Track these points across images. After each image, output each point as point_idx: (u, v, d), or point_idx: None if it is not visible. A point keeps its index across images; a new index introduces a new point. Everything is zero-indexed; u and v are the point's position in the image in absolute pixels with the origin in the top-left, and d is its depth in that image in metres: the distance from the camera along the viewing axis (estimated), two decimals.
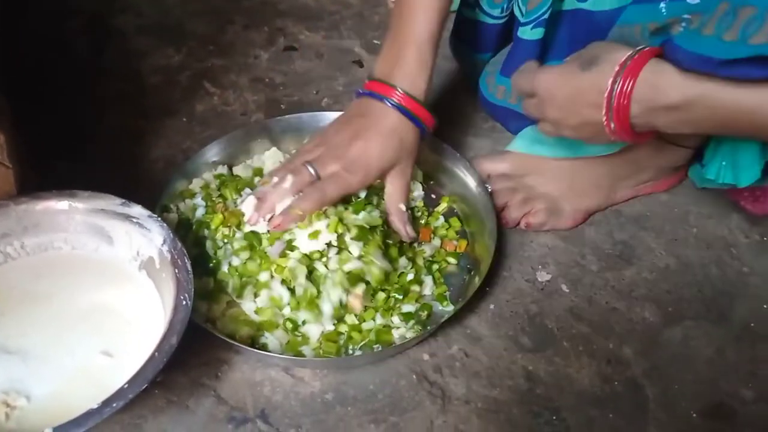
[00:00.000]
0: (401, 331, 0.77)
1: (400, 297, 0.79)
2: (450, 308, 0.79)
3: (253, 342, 0.75)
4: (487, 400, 0.74)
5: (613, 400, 0.75)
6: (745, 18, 0.60)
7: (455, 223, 0.88)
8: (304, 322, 0.75)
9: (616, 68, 0.69)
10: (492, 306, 0.82)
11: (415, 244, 0.85)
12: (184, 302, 0.67)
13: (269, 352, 0.74)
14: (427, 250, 0.84)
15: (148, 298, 0.74)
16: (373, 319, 0.77)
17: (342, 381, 0.75)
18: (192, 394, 0.73)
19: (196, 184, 0.88)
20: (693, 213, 0.93)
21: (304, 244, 0.76)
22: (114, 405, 0.60)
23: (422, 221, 0.88)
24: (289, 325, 0.75)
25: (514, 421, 0.72)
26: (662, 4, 0.69)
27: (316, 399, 0.73)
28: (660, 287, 0.85)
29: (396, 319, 0.78)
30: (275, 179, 0.80)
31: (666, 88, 0.67)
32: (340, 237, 0.76)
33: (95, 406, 0.60)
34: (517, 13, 0.86)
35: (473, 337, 0.79)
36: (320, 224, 0.76)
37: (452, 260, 0.84)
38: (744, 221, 0.92)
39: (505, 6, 0.87)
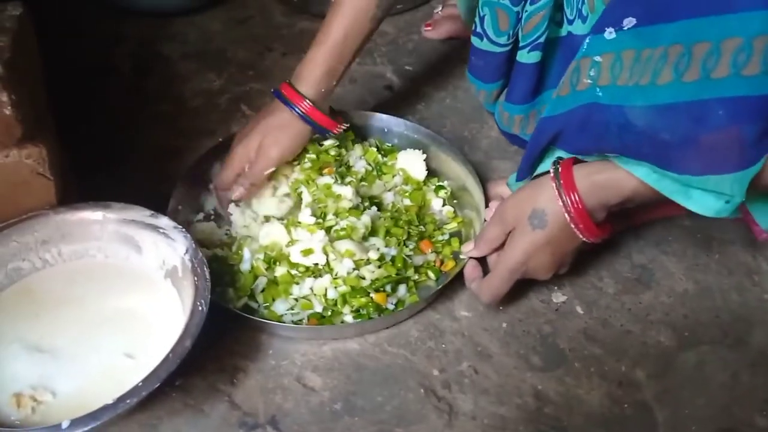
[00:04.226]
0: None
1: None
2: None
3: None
4: (494, 417, 0.75)
5: (621, 422, 0.74)
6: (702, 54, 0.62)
7: (455, 243, 0.89)
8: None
9: (559, 205, 0.75)
10: (504, 324, 0.83)
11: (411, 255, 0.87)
12: (200, 308, 0.71)
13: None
14: (419, 260, 0.86)
15: (171, 305, 0.78)
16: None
17: (351, 392, 0.77)
18: (207, 399, 0.76)
19: None
20: (717, 239, 0.92)
21: (296, 257, 0.81)
22: (128, 401, 0.64)
23: (428, 235, 0.90)
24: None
25: None
26: (586, 40, 0.72)
27: (325, 408, 0.76)
28: (677, 311, 0.84)
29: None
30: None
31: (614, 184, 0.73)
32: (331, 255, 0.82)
33: (110, 402, 0.64)
34: (520, 38, 0.88)
35: (484, 355, 0.80)
36: (315, 243, 0.80)
37: (432, 275, 0.86)
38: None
39: (510, 33, 0.90)
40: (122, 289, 0.81)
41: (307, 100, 0.87)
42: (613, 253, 0.90)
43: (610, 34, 0.68)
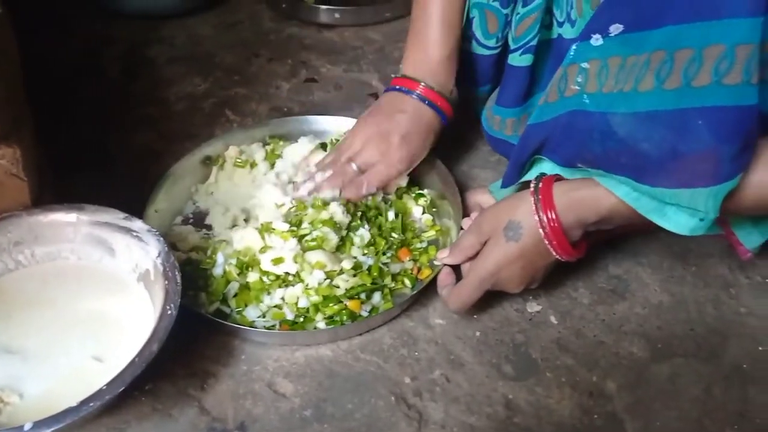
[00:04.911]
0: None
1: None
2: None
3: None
4: (463, 426, 0.74)
5: None
6: (684, 60, 0.62)
7: (433, 252, 0.88)
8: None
9: (535, 220, 0.75)
10: (478, 333, 0.83)
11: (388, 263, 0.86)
12: (170, 312, 0.71)
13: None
14: (396, 268, 0.86)
15: (143, 309, 0.78)
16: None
17: (322, 398, 0.77)
18: (177, 404, 0.76)
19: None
20: (694, 251, 0.92)
21: (266, 265, 0.80)
22: (91, 404, 0.63)
23: (407, 243, 0.89)
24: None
25: None
26: (573, 46, 0.71)
27: (295, 414, 0.75)
28: (651, 323, 0.84)
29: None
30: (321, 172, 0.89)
31: (592, 202, 0.74)
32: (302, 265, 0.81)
33: (74, 404, 0.63)
34: (510, 41, 0.88)
35: (456, 363, 0.80)
36: (286, 251, 0.80)
37: (408, 283, 0.85)
38: (746, 263, 0.90)
39: (499, 35, 0.90)
40: (94, 292, 0.80)
41: (423, 84, 0.89)
42: (590, 264, 0.90)
43: (597, 40, 0.68)
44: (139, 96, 1.19)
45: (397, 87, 0.91)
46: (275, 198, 0.89)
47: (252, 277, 0.81)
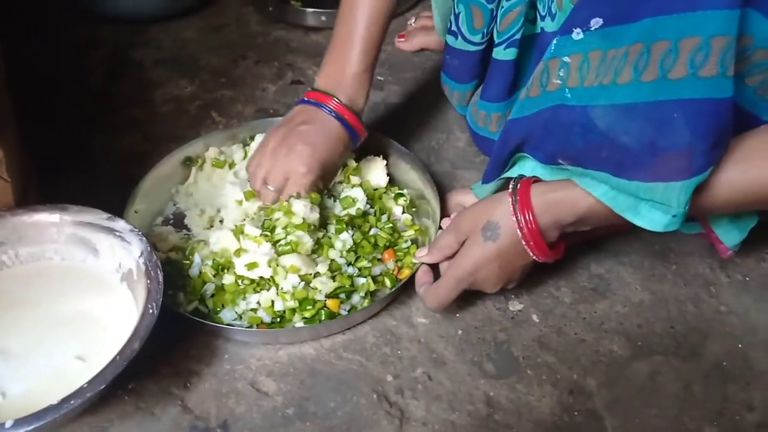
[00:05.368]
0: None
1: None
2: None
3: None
4: (444, 424, 0.75)
5: (571, 430, 0.75)
6: (660, 52, 0.62)
7: (414, 251, 0.89)
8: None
9: (513, 221, 0.76)
10: (460, 332, 0.83)
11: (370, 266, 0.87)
12: (151, 311, 0.71)
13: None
14: (377, 270, 0.86)
15: (126, 308, 0.78)
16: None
17: (305, 397, 0.77)
18: (159, 402, 0.76)
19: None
20: (674, 250, 0.93)
21: (240, 269, 0.81)
22: (72, 402, 0.64)
23: (390, 243, 0.90)
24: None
25: None
26: (554, 40, 0.72)
27: (277, 413, 0.76)
28: (631, 321, 0.85)
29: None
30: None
31: (569, 202, 0.74)
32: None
33: (55, 402, 0.63)
34: (495, 35, 0.89)
35: (438, 361, 0.81)
36: (260, 256, 0.81)
37: (389, 284, 0.86)
38: (728, 261, 0.91)
39: (485, 31, 0.90)
40: (78, 292, 0.81)
41: (336, 99, 0.89)
42: (572, 263, 0.91)
43: (577, 34, 0.69)
44: (125, 98, 1.19)
45: (306, 99, 0.91)
46: (235, 195, 0.91)
47: (227, 279, 0.81)
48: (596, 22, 0.67)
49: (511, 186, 0.78)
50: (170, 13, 1.38)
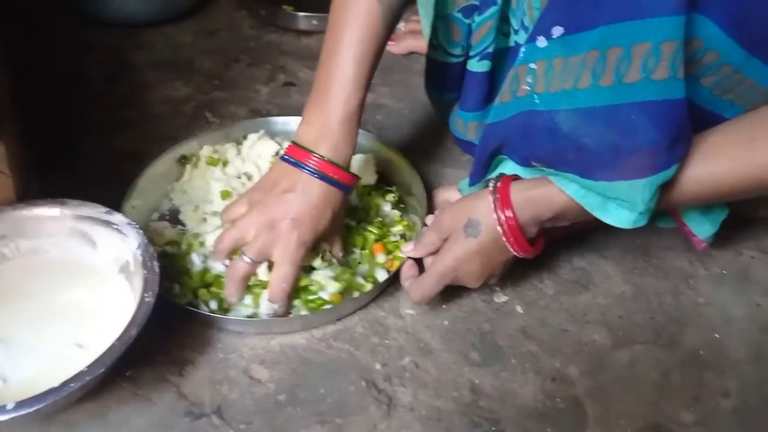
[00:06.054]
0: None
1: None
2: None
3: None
4: (430, 409, 0.78)
5: (553, 415, 0.78)
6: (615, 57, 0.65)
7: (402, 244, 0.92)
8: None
9: (494, 218, 0.78)
10: (447, 322, 0.86)
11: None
12: (147, 299, 0.74)
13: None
14: (363, 269, 0.90)
15: (124, 298, 0.81)
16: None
17: (296, 384, 0.80)
18: (155, 389, 0.78)
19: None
20: (655, 245, 0.96)
21: None
22: (72, 385, 0.66)
23: (378, 238, 0.93)
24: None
25: (454, 429, 0.76)
26: (522, 48, 0.74)
27: (269, 399, 0.78)
28: (613, 312, 0.88)
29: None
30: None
31: (545, 198, 0.77)
32: None
33: (55, 386, 0.66)
34: (469, 48, 0.92)
35: (425, 350, 0.83)
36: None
37: (380, 276, 0.89)
38: (706, 255, 0.95)
39: (464, 44, 0.93)
40: (77, 284, 0.83)
41: (316, 155, 0.82)
42: (555, 257, 0.94)
43: (541, 42, 0.72)
44: (120, 100, 1.21)
45: (286, 157, 0.84)
46: (220, 188, 0.94)
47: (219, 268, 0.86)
48: (557, 31, 0.70)
49: (491, 184, 0.81)
50: (165, 18, 1.41)
